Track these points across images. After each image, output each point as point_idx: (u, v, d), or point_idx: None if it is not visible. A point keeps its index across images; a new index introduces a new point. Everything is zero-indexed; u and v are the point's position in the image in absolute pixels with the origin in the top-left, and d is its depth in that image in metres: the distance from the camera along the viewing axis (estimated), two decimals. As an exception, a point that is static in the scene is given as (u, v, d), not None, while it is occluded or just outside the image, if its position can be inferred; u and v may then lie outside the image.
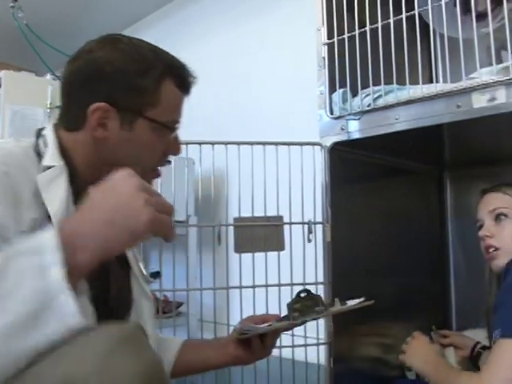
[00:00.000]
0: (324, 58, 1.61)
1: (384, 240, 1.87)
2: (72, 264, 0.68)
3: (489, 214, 1.48)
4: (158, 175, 1.08)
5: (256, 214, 1.57)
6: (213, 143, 1.53)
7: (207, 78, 2.90)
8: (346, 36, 1.55)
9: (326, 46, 1.60)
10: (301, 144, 1.59)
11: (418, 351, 1.53)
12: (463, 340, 1.77)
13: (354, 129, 1.54)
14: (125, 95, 0.96)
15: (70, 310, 0.66)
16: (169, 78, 1.00)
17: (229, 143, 1.54)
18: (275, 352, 1.55)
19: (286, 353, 1.60)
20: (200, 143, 1.54)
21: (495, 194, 1.50)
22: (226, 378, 1.72)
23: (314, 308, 1.11)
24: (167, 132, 1.02)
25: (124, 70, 0.96)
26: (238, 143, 1.55)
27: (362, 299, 1.15)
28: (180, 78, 1.03)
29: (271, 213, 1.58)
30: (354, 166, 1.73)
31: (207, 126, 2.67)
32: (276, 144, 1.58)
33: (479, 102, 1.31)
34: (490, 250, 1.44)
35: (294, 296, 1.17)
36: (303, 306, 1.13)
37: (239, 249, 1.53)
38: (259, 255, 1.56)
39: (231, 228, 1.56)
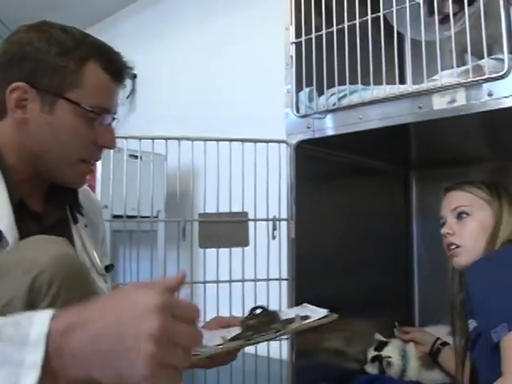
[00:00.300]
0: (292, 57, 1.62)
1: (349, 238, 1.90)
2: (49, 372, 0.57)
3: (451, 212, 1.50)
4: (91, 170, 1.03)
5: (221, 210, 1.58)
6: (179, 138, 1.54)
7: (178, 75, 2.93)
8: (313, 36, 1.57)
9: (294, 45, 1.62)
10: (267, 141, 1.60)
11: None
12: (424, 336, 1.81)
13: (320, 127, 1.56)
14: (44, 75, 0.92)
15: None
16: (94, 60, 0.96)
17: (195, 139, 1.55)
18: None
19: (249, 348, 1.62)
20: (166, 138, 1.54)
21: (457, 192, 1.52)
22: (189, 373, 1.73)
23: (271, 325, 1.01)
24: (93, 118, 0.97)
25: (45, 50, 0.92)
26: (205, 139, 1.56)
27: (325, 313, 1.07)
28: (107, 61, 0.98)
29: (236, 209, 1.59)
30: (319, 164, 1.76)
31: (178, 122, 2.68)
32: (242, 141, 1.59)
33: (440, 103, 1.35)
34: (452, 248, 1.46)
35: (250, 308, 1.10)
36: (259, 323, 1.03)
37: (204, 244, 1.54)
38: (223, 251, 1.57)
39: (197, 223, 1.57)
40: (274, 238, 1.58)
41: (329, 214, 1.80)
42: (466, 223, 1.46)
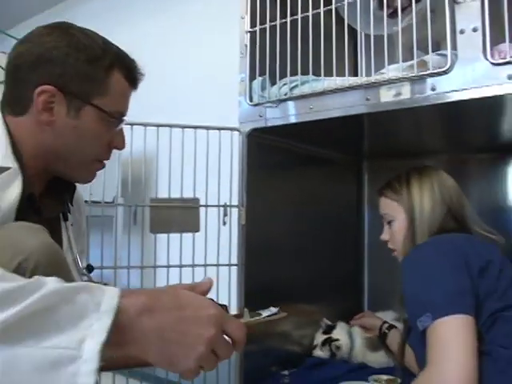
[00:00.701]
0: (246, 46, 1.64)
1: (299, 225, 1.94)
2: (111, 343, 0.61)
3: (383, 218, 1.55)
4: (102, 166, 1.08)
5: (173, 196, 1.59)
6: (132, 124, 1.54)
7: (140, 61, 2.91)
8: (267, 25, 1.59)
9: (249, 34, 1.64)
10: (219, 129, 1.62)
11: None
12: (373, 321, 1.85)
13: (272, 116, 1.59)
14: (73, 81, 0.95)
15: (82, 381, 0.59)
16: (118, 69, 1.01)
17: (148, 125, 1.56)
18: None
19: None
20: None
21: (380, 198, 1.55)
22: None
23: None
24: (113, 123, 1.03)
25: (73, 56, 0.95)
26: (157, 125, 1.56)
27: (275, 310, 1.08)
28: (128, 70, 1.04)
29: (188, 195, 1.61)
30: (271, 153, 1.79)
31: (131, 107, 2.66)
32: (195, 128, 1.60)
33: (386, 96, 1.39)
34: (392, 251, 1.52)
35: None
36: None
37: (154, 229, 1.56)
38: (174, 236, 1.59)
39: (148, 208, 1.58)
40: (224, 224, 1.60)
41: (280, 202, 1.84)
42: (394, 228, 1.48)
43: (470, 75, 1.26)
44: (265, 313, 1.07)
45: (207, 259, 1.61)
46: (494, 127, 1.73)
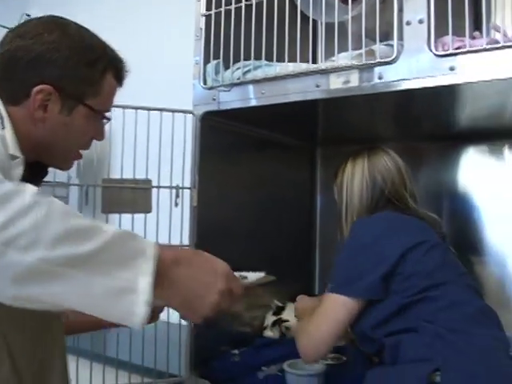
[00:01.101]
0: (201, 29, 1.66)
1: (252, 208, 1.98)
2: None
3: None
4: (80, 156, 1.11)
5: (125, 177, 1.60)
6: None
7: None
8: (222, 9, 1.61)
9: (204, 18, 1.65)
10: (173, 111, 1.63)
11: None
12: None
13: (225, 100, 1.61)
14: (71, 83, 0.98)
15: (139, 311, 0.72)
16: (110, 70, 1.04)
17: (100, 105, 1.55)
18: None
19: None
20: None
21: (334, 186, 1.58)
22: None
23: None
24: (100, 119, 1.07)
25: (74, 60, 0.98)
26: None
27: (262, 274, 1.11)
28: (118, 70, 1.07)
29: (140, 176, 1.62)
30: (225, 136, 1.81)
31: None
32: (148, 109, 1.61)
33: (335, 83, 1.43)
34: None
35: None
36: None
37: (106, 209, 1.56)
38: (126, 216, 1.60)
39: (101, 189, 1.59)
40: (176, 205, 1.62)
41: (233, 185, 1.87)
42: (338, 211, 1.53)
43: (414, 65, 1.31)
44: (252, 276, 1.13)
45: (159, 240, 1.62)
46: (441, 116, 1.80)
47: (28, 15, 3.11)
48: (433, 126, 1.98)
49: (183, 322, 1.67)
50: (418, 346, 1.16)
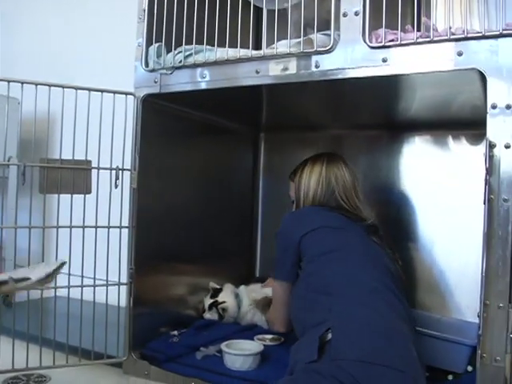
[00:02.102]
0: (144, 11, 1.65)
1: (194, 192, 2.00)
2: None
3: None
4: None
5: (65, 157, 1.59)
6: (22, 82, 1.51)
7: (37, 24, 2.79)
8: (165, -8, 1.61)
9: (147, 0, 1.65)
10: (114, 92, 1.62)
11: None
12: None
13: (166, 83, 1.62)
14: None
15: None
16: None
17: (39, 84, 1.53)
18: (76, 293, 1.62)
19: (87, 294, 1.66)
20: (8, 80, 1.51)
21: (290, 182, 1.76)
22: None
23: None
24: None
25: None
26: (49, 85, 1.54)
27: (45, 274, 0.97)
28: None
29: (80, 157, 1.61)
30: (167, 119, 1.82)
31: (31, 67, 2.59)
32: (89, 90, 1.60)
33: (274, 70, 1.46)
34: None
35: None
36: None
37: (44, 189, 1.55)
38: (65, 197, 1.59)
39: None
40: (116, 187, 1.62)
41: (175, 168, 1.88)
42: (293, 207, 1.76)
43: (349, 56, 1.36)
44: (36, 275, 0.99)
45: (98, 221, 1.62)
46: (381, 106, 1.86)
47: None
48: (373, 115, 2.04)
49: (122, 304, 1.68)
50: (317, 315, 1.36)
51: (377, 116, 2.06)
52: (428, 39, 1.26)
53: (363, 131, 2.24)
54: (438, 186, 2.04)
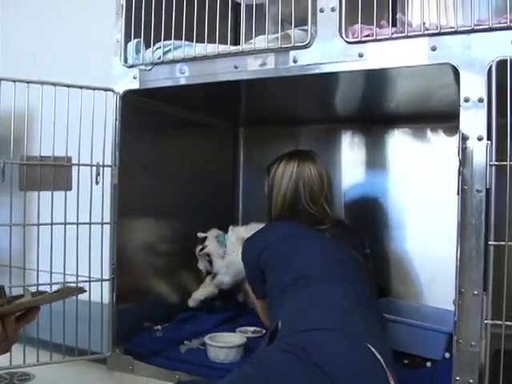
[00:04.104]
0: (122, 6, 1.65)
1: (176, 186, 2.01)
2: None
3: None
4: None
5: (44, 154, 1.59)
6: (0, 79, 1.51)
7: (16, 18, 2.76)
8: (143, -13, 1.61)
9: (125, -5, 1.65)
10: (93, 88, 1.62)
11: None
12: None
13: (145, 79, 1.63)
14: None
15: None
16: None
17: (17, 81, 1.53)
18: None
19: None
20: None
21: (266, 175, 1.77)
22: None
23: None
24: None
25: None
26: (28, 81, 1.54)
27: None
28: None
29: (61, 154, 1.61)
30: (147, 115, 1.83)
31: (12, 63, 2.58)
32: (68, 86, 1.59)
33: (253, 65, 1.48)
34: None
35: None
36: None
37: (24, 187, 1.55)
38: (46, 194, 1.59)
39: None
40: (97, 183, 1.62)
41: (156, 163, 1.89)
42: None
43: (327, 51, 1.38)
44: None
45: (80, 218, 1.63)
46: (360, 99, 1.88)
47: None
48: (352, 108, 2.06)
49: (105, 301, 1.69)
50: (272, 315, 1.44)
51: (356, 110, 2.08)
52: (403, 34, 1.29)
53: (343, 124, 2.27)
54: (417, 177, 2.07)
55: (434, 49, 1.26)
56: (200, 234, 2.08)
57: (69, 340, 1.67)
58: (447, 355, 1.52)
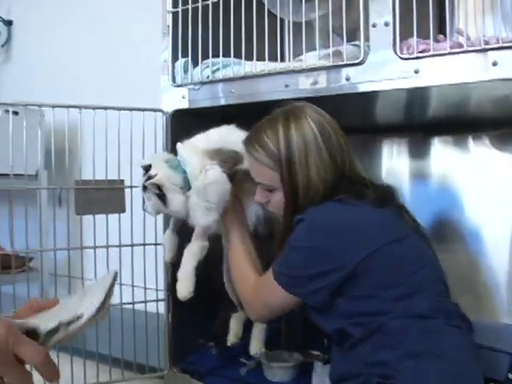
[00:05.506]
0: (169, 26, 1.64)
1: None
2: None
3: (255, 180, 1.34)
4: None
5: (98, 177, 1.60)
6: (53, 106, 1.53)
7: (63, 41, 2.79)
8: (189, 7, 1.60)
9: (171, 14, 1.64)
10: (143, 110, 1.63)
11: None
12: None
13: (194, 98, 1.62)
14: None
15: None
16: None
17: (70, 107, 1.55)
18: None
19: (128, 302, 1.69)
20: (40, 105, 1.53)
21: (249, 158, 1.31)
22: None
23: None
24: None
25: None
26: (80, 107, 1.56)
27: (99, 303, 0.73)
28: None
29: (113, 176, 1.62)
30: (195, 133, 1.81)
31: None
32: (118, 109, 1.60)
33: (304, 83, 1.45)
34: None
35: None
36: None
37: (80, 211, 1.57)
38: (100, 217, 1.60)
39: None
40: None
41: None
42: (273, 197, 1.28)
43: (380, 68, 1.33)
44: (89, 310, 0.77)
45: (133, 239, 1.64)
46: (405, 110, 1.82)
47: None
48: (391, 117, 1.98)
49: (161, 312, 1.70)
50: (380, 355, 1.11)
51: (396, 119, 2.01)
52: (462, 49, 1.24)
53: (382, 134, 2.19)
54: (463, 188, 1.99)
55: (495, 64, 1.20)
56: (142, 162, 1.39)
57: (128, 354, 1.70)
58: (511, 376, 1.48)
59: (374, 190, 1.25)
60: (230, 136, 1.43)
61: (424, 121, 1.98)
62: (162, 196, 1.32)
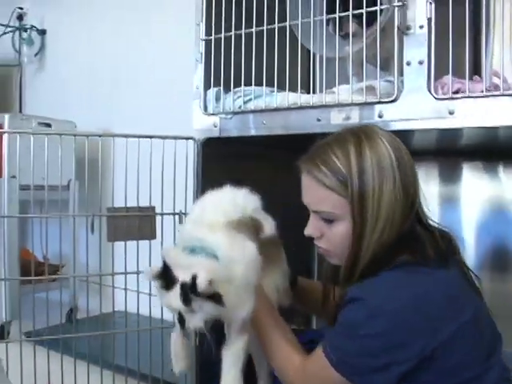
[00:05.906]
0: (201, 54, 1.65)
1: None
2: None
3: (310, 208, 1.16)
4: None
5: (129, 204, 1.63)
6: (88, 135, 1.56)
7: (95, 69, 2.83)
8: (222, 35, 1.60)
9: (204, 42, 1.65)
10: (175, 138, 1.65)
11: None
12: None
13: (226, 127, 1.62)
14: None
15: None
16: None
17: (104, 135, 1.57)
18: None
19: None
20: (74, 135, 1.56)
21: (308, 179, 1.12)
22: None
23: None
24: None
25: None
26: (113, 135, 1.58)
27: None
28: None
29: (144, 203, 1.64)
30: (226, 161, 1.82)
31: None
32: (151, 137, 1.62)
33: (336, 118, 1.45)
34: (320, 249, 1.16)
35: None
36: None
37: (112, 238, 1.60)
38: (131, 243, 1.63)
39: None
40: (179, 231, 1.64)
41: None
42: (334, 229, 1.08)
43: (414, 106, 1.32)
44: None
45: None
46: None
47: (20, 8, 3.08)
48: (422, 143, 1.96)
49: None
50: None
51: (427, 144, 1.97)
52: (498, 92, 1.22)
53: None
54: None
55: (531, 107, 1.19)
56: (153, 269, 1.07)
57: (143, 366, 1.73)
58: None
59: (434, 239, 1.06)
60: (246, 202, 1.21)
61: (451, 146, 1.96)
62: (217, 297, 0.95)
